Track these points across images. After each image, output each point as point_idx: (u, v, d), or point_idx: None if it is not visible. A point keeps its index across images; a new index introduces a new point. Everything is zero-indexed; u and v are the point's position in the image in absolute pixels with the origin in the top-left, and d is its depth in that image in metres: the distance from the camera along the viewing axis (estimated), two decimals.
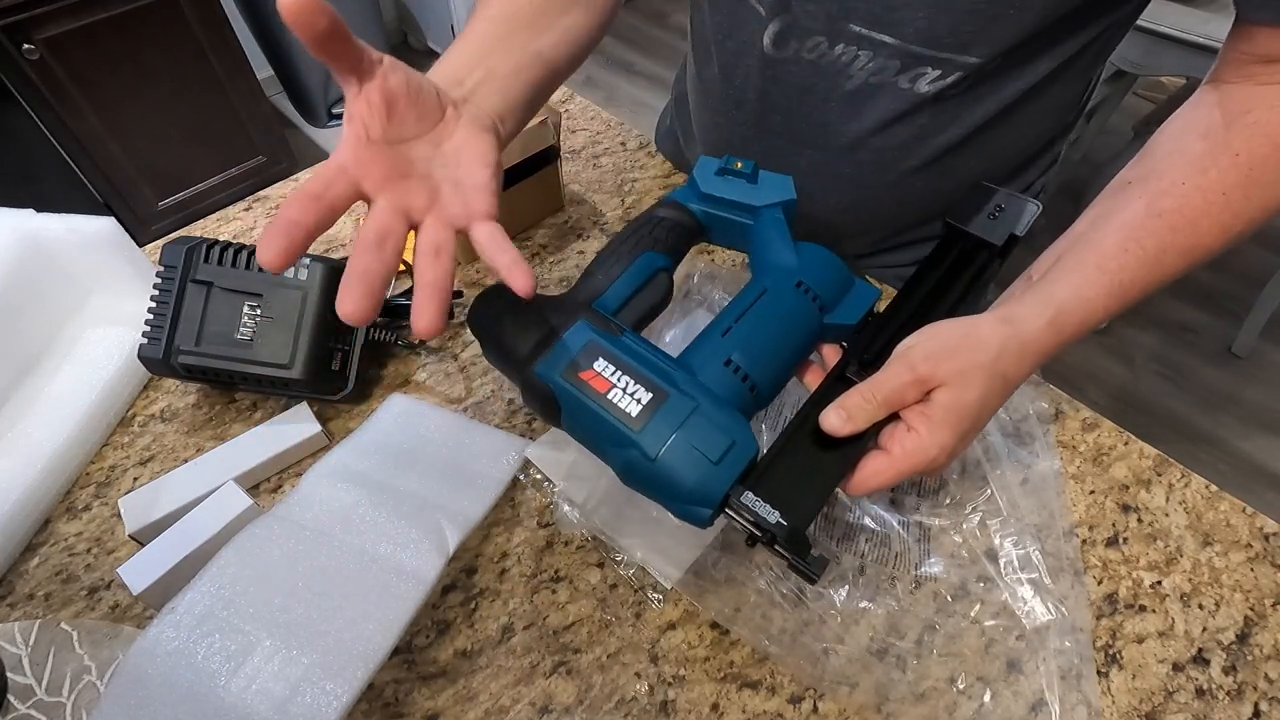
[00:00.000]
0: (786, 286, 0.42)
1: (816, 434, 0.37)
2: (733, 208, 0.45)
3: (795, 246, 0.43)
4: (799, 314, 0.41)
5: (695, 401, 0.35)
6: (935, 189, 0.59)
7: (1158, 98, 2.13)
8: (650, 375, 0.36)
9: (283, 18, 0.29)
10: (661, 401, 0.35)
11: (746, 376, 0.38)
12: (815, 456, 0.37)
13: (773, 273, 0.43)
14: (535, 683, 0.43)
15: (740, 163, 0.45)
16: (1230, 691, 0.43)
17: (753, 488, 0.34)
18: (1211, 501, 0.51)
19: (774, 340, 0.40)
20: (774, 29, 0.52)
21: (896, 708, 0.42)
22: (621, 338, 0.38)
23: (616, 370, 0.36)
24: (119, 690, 0.36)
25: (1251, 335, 1.65)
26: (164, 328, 0.50)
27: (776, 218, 0.44)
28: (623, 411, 0.35)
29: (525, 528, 0.49)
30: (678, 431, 0.34)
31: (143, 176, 1.75)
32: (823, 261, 0.43)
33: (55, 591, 0.47)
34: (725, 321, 0.40)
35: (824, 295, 0.42)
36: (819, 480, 0.37)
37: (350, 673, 0.36)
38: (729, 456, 0.34)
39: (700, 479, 0.34)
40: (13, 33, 1.41)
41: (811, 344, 0.42)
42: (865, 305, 0.43)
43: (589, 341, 0.37)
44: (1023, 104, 0.52)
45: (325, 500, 0.44)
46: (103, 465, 0.53)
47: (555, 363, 0.37)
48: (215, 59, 1.70)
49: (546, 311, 0.39)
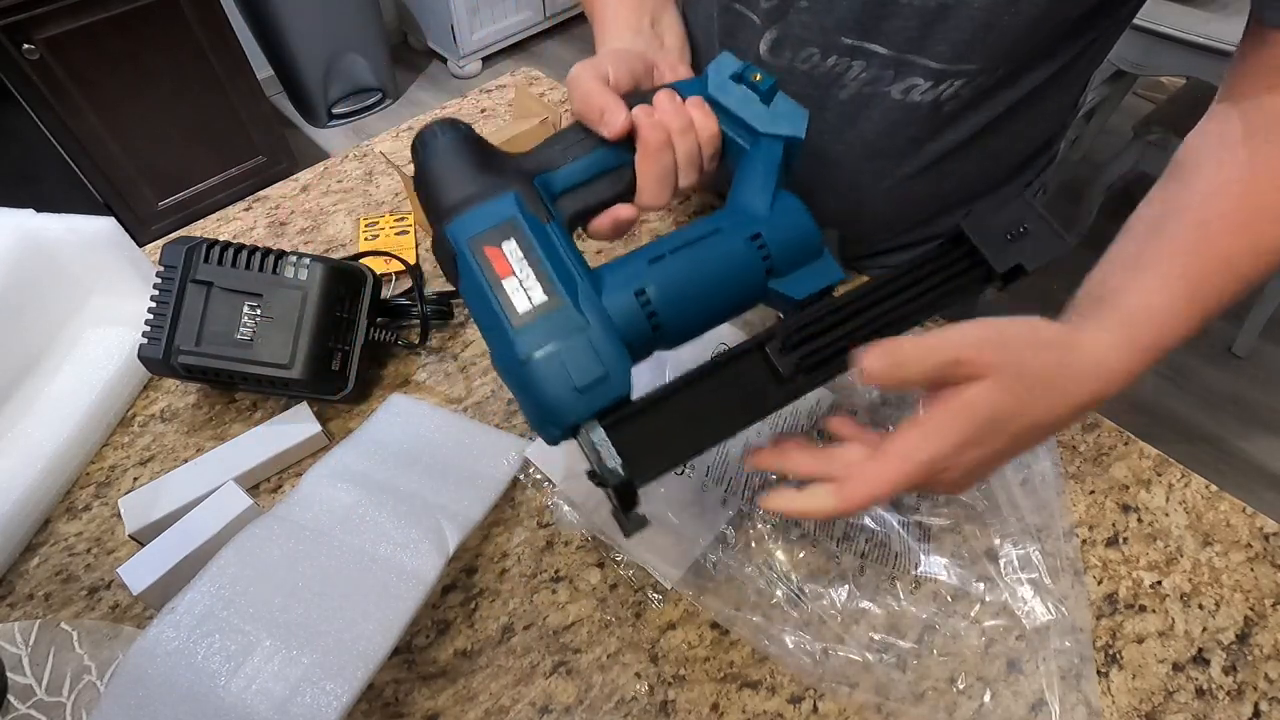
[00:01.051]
0: (741, 235, 0.37)
1: (699, 399, 0.35)
2: (734, 123, 0.40)
3: (775, 194, 0.39)
4: (741, 268, 0.37)
5: (585, 321, 0.33)
6: (933, 192, 0.59)
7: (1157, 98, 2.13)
8: (554, 277, 0.33)
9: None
10: (552, 308, 0.33)
11: (654, 314, 0.35)
12: (689, 419, 0.34)
13: (736, 215, 0.39)
14: (535, 683, 0.43)
15: (760, 74, 0.39)
16: (1230, 691, 0.43)
17: (609, 426, 0.32)
18: (1211, 501, 0.51)
19: (701, 288, 0.36)
20: (770, 37, 0.52)
21: (896, 708, 0.42)
22: (546, 225, 0.35)
23: (523, 258, 0.33)
24: (119, 690, 0.36)
25: (1251, 335, 1.65)
26: (164, 328, 0.50)
27: (773, 153, 0.39)
28: (510, 303, 0.33)
29: (525, 528, 0.49)
30: (553, 345, 0.32)
31: (143, 176, 1.75)
32: (793, 222, 0.39)
33: (55, 591, 0.47)
34: (661, 248, 0.37)
35: (778, 258, 0.38)
36: (680, 444, 0.34)
37: (350, 673, 0.36)
38: (594, 388, 0.32)
39: (557, 399, 0.32)
40: (13, 33, 1.41)
41: (745, 304, 0.39)
42: (820, 284, 0.39)
43: (510, 218, 0.34)
44: (1019, 109, 0.52)
45: (325, 500, 0.44)
46: (103, 465, 0.53)
47: (467, 227, 0.34)
48: (215, 59, 1.71)
49: (486, 167, 0.36)
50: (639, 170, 0.39)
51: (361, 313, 0.55)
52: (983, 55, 0.47)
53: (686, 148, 0.38)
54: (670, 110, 0.38)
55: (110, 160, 1.67)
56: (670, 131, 0.38)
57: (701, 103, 0.39)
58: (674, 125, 0.38)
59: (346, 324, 0.54)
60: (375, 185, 0.75)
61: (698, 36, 0.59)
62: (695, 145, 0.39)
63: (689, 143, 0.39)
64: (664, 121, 0.38)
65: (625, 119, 0.37)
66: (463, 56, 2.53)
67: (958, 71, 0.48)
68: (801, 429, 0.53)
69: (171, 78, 1.66)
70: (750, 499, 0.49)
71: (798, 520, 0.49)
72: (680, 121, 0.38)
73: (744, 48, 0.54)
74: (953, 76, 0.48)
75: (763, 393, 0.35)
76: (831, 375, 0.36)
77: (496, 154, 0.38)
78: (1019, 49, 0.47)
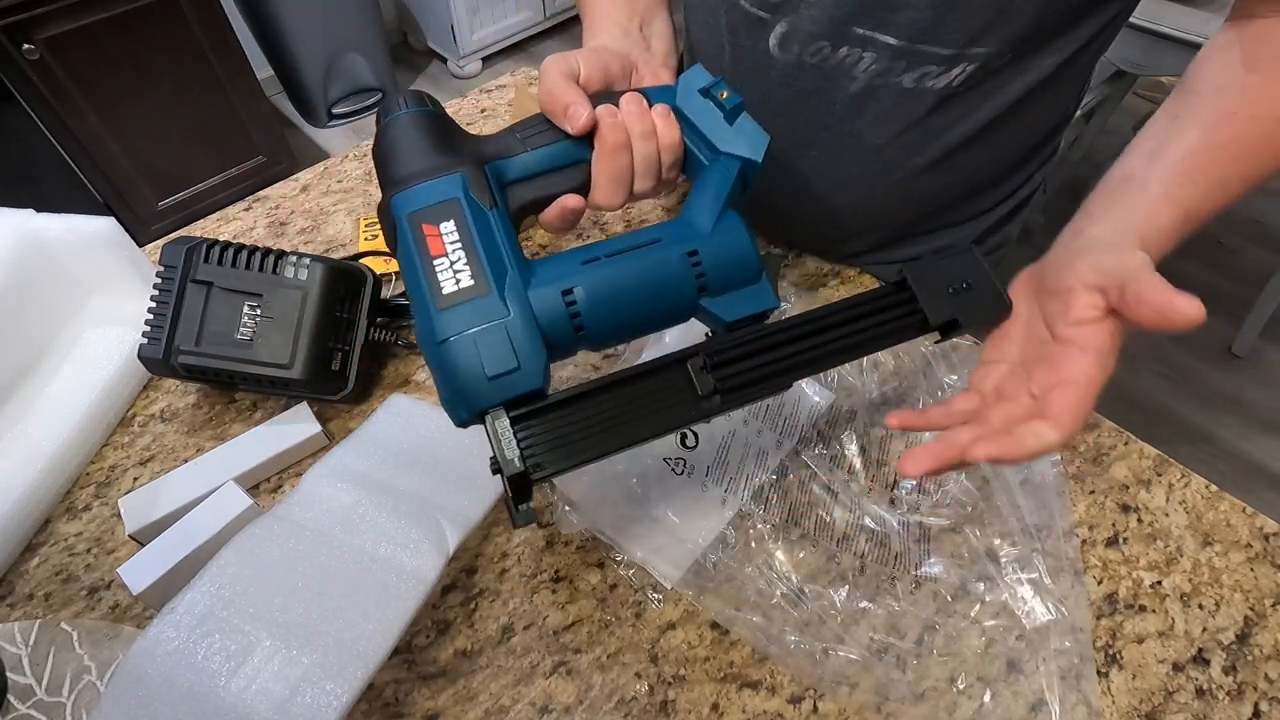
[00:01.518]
0: (679, 249, 0.37)
1: (616, 404, 0.34)
2: (696, 137, 0.41)
3: (722, 214, 0.38)
4: (672, 282, 0.37)
5: (507, 313, 0.33)
6: (942, 185, 0.59)
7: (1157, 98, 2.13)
8: (484, 264, 0.34)
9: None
10: (476, 294, 0.33)
11: (578, 315, 0.35)
12: (601, 423, 0.34)
13: (680, 228, 0.38)
14: (535, 683, 0.43)
15: (727, 92, 0.40)
16: (1230, 691, 0.43)
17: (519, 418, 0.33)
18: (1211, 501, 0.51)
19: (630, 296, 0.36)
20: (779, 31, 0.52)
21: (896, 708, 0.42)
22: (489, 212, 0.35)
23: (458, 241, 0.34)
24: (119, 690, 0.36)
25: (1251, 335, 1.65)
26: (164, 328, 0.50)
27: (728, 172, 0.39)
28: (437, 283, 0.33)
29: (525, 528, 0.49)
30: (471, 331, 0.33)
31: (143, 176, 1.75)
32: (732, 243, 0.38)
33: (55, 591, 0.47)
34: (597, 250, 0.37)
35: (712, 276, 0.37)
36: (587, 446, 0.34)
37: (350, 673, 0.36)
38: (505, 379, 0.33)
39: (467, 385, 0.33)
40: (13, 33, 1.41)
41: (673, 318, 0.38)
42: (752, 309, 0.38)
43: (451, 199, 0.35)
44: (1029, 99, 0.52)
45: (325, 500, 0.44)
46: (103, 465, 0.53)
47: (411, 201, 0.35)
48: (215, 59, 1.71)
49: (441, 145, 0.37)
50: (595, 168, 0.39)
51: (361, 313, 0.55)
52: (995, 38, 0.47)
53: (645, 152, 0.39)
54: (634, 114, 0.39)
55: (110, 160, 1.67)
56: (631, 134, 0.39)
57: (667, 111, 0.40)
58: (635, 129, 0.39)
59: (346, 324, 0.54)
60: (375, 185, 0.75)
61: (702, 35, 0.59)
62: (654, 151, 0.40)
63: (648, 148, 0.39)
64: (626, 123, 0.39)
65: (588, 116, 0.38)
66: (463, 56, 2.53)
67: (970, 55, 0.48)
68: (802, 429, 0.53)
69: (171, 78, 1.66)
70: (750, 499, 0.49)
71: (797, 520, 0.49)
72: (642, 126, 0.39)
73: (751, 43, 0.54)
74: (965, 60, 0.48)
75: (679, 407, 0.35)
76: (751, 399, 0.36)
77: (456, 134, 0.39)
78: (1032, 30, 0.47)
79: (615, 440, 0.34)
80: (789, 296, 0.62)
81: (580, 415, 0.34)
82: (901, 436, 0.53)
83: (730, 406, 0.35)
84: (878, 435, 0.53)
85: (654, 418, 0.34)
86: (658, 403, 0.35)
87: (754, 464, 0.51)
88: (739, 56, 0.55)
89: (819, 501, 0.50)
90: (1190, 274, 1.86)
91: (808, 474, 0.51)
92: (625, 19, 0.49)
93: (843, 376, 0.56)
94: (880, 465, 0.52)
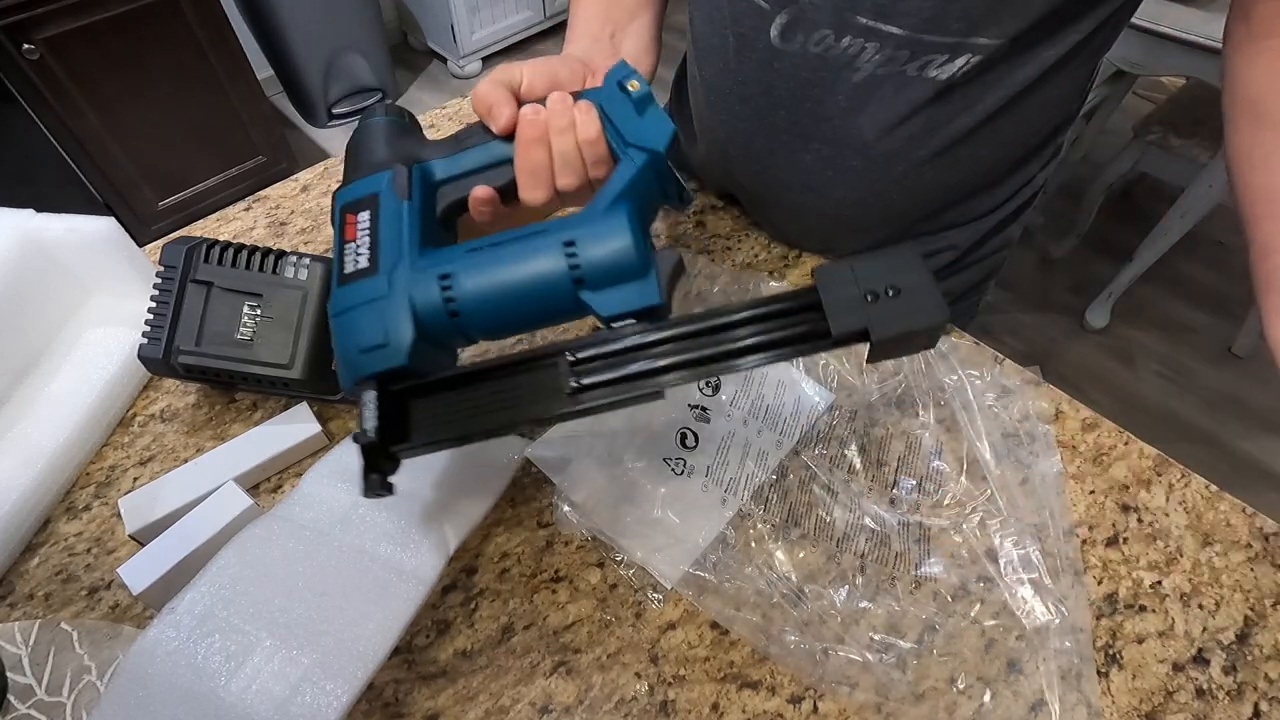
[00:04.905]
0: (555, 240, 0.36)
1: (489, 391, 0.34)
2: (612, 130, 0.41)
3: (613, 205, 0.37)
4: (547, 274, 0.36)
5: (386, 292, 0.35)
6: (944, 181, 0.59)
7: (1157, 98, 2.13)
8: (380, 248, 0.37)
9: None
10: (365, 274, 0.36)
11: (453, 300, 0.35)
12: (471, 407, 0.35)
13: (569, 220, 0.37)
14: (535, 683, 0.43)
15: (637, 83, 0.40)
16: (1230, 691, 0.43)
17: (383, 392, 0.34)
18: (1211, 501, 0.51)
19: (506, 285, 0.36)
20: (781, 21, 0.52)
21: (896, 708, 0.42)
22: (402, 203, 0.38)
23: (366, 229, 0.37)
24: (119, 690, 0.36)
25: (1251, 335, 1.65)
26: (164, 328, 0.50)
27: (632, 164, 0.38)
28: (342, 262, 0.37)
29: (525, 528, 0.49)
30: (353, 308, 0.36)
31: (143, 176, 1.75)
32: (612, 234, 0.36)
33: (55, 591, 0.47)
34: (484, 240, 0.37)
35: (589, 269, 0.36)
36: (453, 427, 0.34)
37: (350, 673, 0.36)
38: (374, 353, 0.35)
39: (346, 355, 0.36)
40: (13, 33, 1.41)
41: (556, 311, 0.37)
42: (633, 304, 0.36)
43: (373, 193, 0.38)
44: (1031, 91, 0.52)
45: (325, 500, 0.44)
46: (103, 465, 0.53)
47: (346, 195, 0.39)
48: (215, 59, 1.71)
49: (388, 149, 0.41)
50: (515, 164, 0.41)
51: None
52: (998, 29, 0.47)
53: (562, 147, 0.40)
54: (556, 111, 0.40)
55: (110, 160, 1.67)
56: (550, 129, 0.40)
57: (588, 106, 0.41)
58: (555, 124, 0.40)
59: None
60: None
61: (705, 28, 0.59)
62: (573, 145, 0.40)
63: (566, 142, 0.40)
64: (544, 120, 0.40)
65: (509, 114, 0.40)
66: (462, 56, 2.53)
67: (973, 45, 0.48)
68: (802, 429, 0.53)
69: (171, 78, 1.66)
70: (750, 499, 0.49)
71: (797, 520, 0.49)
72: (561, 121, 0.40)
73: (754, 34, 0.54)
74: (968, 51, 0.48)
75: (549, 401, 0.34)
76: (616, 402, 0.34)
77: (409, 140, 0.42)
78: (1034, 21, 0.47)
79: (482, 426, 0.35)
80: None
81: (453, 398, 0.35)
82: (901, 436, 0.53)
83: (600, 406, 0.33)
84: (878, 435, 0.53)
85: (524, 408, 0.35)
86: (529, 393, 0.35)
87: (754, 464, 0.51)
88: (742, 47, 0.55)
89: (819, 501, 0.50)
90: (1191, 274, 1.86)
91: (808, 474, 0.51)
92: (597, 28, 0.52)
93: (843, 376, 0.56)
94: (880, 465, 0.52)
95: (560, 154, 0.40)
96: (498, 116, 0.40)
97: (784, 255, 0.68)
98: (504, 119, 0.40)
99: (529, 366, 0.35)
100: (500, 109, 0.40)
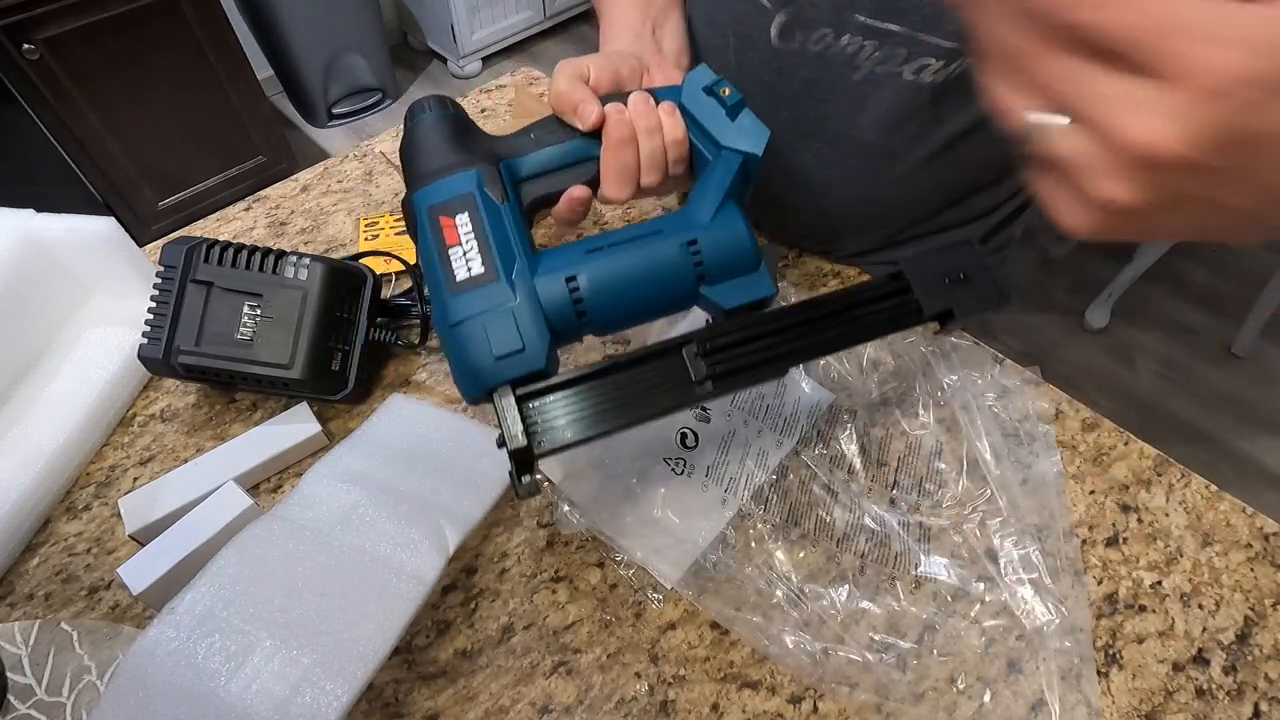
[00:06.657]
0: (678, 240, 0.39)
1: (616, 386, 0.36)
2: (700, 133, 0.42)
3: (722, 205, 0.40)
4: (671, 272, 0.38)
5: (513, 297, 0.36)
6: (943, 180, 0.59)
7: None
8: (493, 253, 0.36)
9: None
10: (485, 281, 0.36)
11: (581, 300, 0.37)
12: (601, 404, 0.36)
13: (681, 220, 0.40)
14: (535, 683, 0.43)
15: (729, 89, 0.41)
16: (1230, 691, 0.43)
17: (524, 396, 0.35)
18: (1211, 501, 0.51)
19: (631, 284, 0.38)
20: (780, 20, 0.52)
21: (896, 708, 0.42)
22: (501, 205, 0.38)
23: (471, 232, 0.37)
24: (119, 690, 0.36)
25: (1251, 335, 1.65)
26: (164, 328, 0.50)
27: (730, 166, 0.41)
28: (451, 270, 0.36)
29: (525, 528, 0.49)
30: (480, 315, 0.35)
31: (143, 176, 1.75)
32: (731, 233, 0.39)
33: (55, 591, 0.47)
34: (601, 241, 0.39)
35: (711, 265, 0.39)
36: (586, 425, 0.35)
37: (350, 673, 0.36)
38: (510, 359, 0.35)
39: (475, 364, 0.35)
40: (13, 33, 1.40)
41: (674, 306, 0.40)
42: (750, 296, 0.40)
43: (466, 194, 0.38)
44: None
45: (325, 500, 0.44)
46: (103, 465, 0.53)
47: (430, 196, 0.38)
48: (215, 59, 1.70)
49: (460, 144, 0.40)
50: (602, 163, 0.41)
51: (361, 313, 0.55)
52: None
53: (650, 147, 0.41)
54: (641, 111, 0.41)
55: (110, 160, 1.67)
56: (636, 130, 0.41)
57: (673, 109, 0.42)
58: (641, 125, 0.41)
59: (346, 324, 0.54)
60: (375, 185, 0.75)
61: (706, 28, 0.59)
62: (660, 146, 0.41)
63: (654, 143, 0.41)
64: (632, 120, 0.40)
65: (598, 113, 0.40)
66: (463, 56, 2.53)
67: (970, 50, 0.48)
68: (802, 429, 0.53)
69: (171, 78, 1.66)
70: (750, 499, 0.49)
71: (798, 520, 0.49)
72: (648, 122, 0.41)
73: (755, 33, 0.54)
74: (964, 55, 0.48)
75: (675, 391, 0.36)
76: (743, 385, 0.37)
77: (475, 134, 0.41)
78: None
79: (614, 421, 0.35)
80: (789, 296, 0.62)
81: (581, 396, 0.35)
82: (901, 436, 0.53)
83: (724, 391, 0.36)
84: (878, 435, 0.53)
85: (652, 400, 0.36)
86: (655, 386, 0.36)
87: (754, 464, 0.51)
88: (743, 47, 0.56)
89: (819, 501, 0.50)
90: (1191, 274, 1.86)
91: (808, 474, 0.51)
92: (638, 23, 0.51)
93: (843, 376, 0.56)
94: (880, 465, 0.52)
95: (647, 153, 0.41)
96: (585, 115, 0.40)
97: (784, 250, 0.68)
98: (593, 116, 0.40)
99: (651, 360, 0.36)
100: (588, 106, 0.40)
